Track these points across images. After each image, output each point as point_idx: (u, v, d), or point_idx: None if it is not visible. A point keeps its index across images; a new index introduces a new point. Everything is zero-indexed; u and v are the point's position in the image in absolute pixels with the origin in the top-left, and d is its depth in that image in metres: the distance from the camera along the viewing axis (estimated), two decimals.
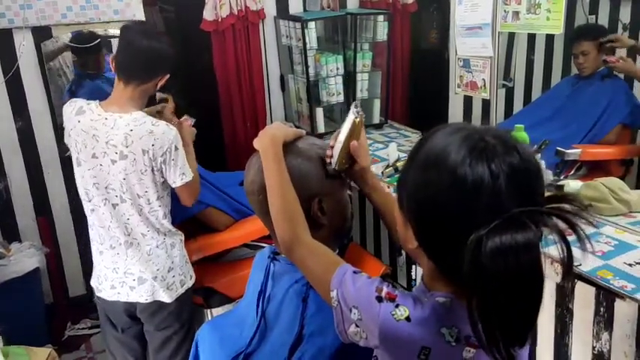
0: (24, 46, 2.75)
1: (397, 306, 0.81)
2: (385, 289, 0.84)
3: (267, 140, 1.05)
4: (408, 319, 0.80)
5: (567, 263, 0.75)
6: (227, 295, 2.36)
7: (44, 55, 2.82)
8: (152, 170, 1.81)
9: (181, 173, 1.84)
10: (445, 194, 0.75)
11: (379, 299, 0.82)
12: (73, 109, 1.85)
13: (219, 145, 3.36)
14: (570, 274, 0.77)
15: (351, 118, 1.06)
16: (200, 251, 2.26)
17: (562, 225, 0.73)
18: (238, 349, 1.10)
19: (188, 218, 2.25)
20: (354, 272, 0.89)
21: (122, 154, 1.78)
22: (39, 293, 2.85)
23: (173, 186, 1.88)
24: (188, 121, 2.19)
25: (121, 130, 1.77)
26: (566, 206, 0.73)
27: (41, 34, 2.80)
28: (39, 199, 2.99)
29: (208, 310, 2.39)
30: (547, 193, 0.77)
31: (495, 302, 0.70)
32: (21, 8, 2.70)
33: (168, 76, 1.90)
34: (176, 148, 1.81)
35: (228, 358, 1.10)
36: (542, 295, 0.73)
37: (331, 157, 1.07)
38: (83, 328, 3.02)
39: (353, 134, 1.06)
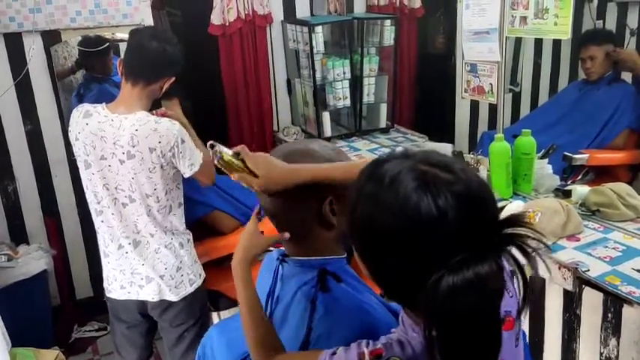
0: (33, 50, 2.77)
1: None
2: (366, 351, 0.81)
3: (235, 264, 1.08)
4: None
5: (523, 295, 0.74)
6: (234, 299, 2.36)
7: (56, 74, 2.85)
8: (161, 167, 1.83)
9: (190, 164, 1.87)
10: (396, 239, 0.73)
11: None
12: (80, 113, 1.89)
13: None
14: (525, 304, 0.75)
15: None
16: (206, 254, 2.27)
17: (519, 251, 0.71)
18: (245, 352, 1.10)
19: (194, 221, 2.25)
20: (332, 354, 0.86)
21: (129, 153, 1.80)
22: (46, 295, 2.86)
23: (184, 176, 1.91)
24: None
25: (127, 131, 1.80)
26: (521, 230, 0.71)
27: (50, 38, 2.82)
28: (47, 202, 3.01)
29: (215, 313, 2.40)
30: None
31: (453, 341, 0.70)
32: (30, 12, 2.72)
33: (173, 79, 1.92)
34: (182, 141, 1.84)
35: None
36: (500, 334, 0.72)
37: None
38: (90, 331, 3.02)
39: (230, 171, 1.02)
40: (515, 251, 0.72)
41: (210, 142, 1.03)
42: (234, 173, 1.01)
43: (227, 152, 1.01)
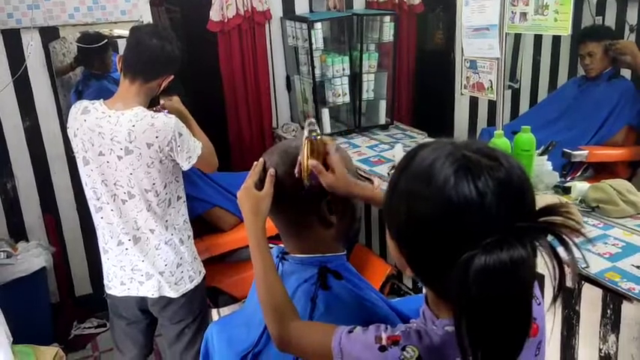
0: (32, 46, 2.76)
1: (404, 348, 0.78)
2: (384, 335, 0.80)
3: (250, 225, 1.04)
4: (419, 359, 0.77)
5: (559, 282, 0.72)
6: (233, 295, 2.37)
7: (55, 70, 2.85)
8: (160, 161, 1.84)
9: (188, 157, 1.88)
10: (434, 220, 0.72)
11: (382, 349, 0.79)
12: (79, 110, 1.89)
13: (224, 146, 3.36)
14: (560, 291, 0.74)
15: (304, 136, 1.01)
16: (207, 251, 2.27)
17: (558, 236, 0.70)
18: (246, 348, 1.10)
19: (195, 218, 2.25)
20: (349, 332, 0.85)
21: (127, 149, 1.80)
22: (45, 292, 2.86)
23: (183, 169, 1.92)
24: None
25: (124, 127, 1.80)
26: (559, 219, 0.70)
27: (49, 34, 2.81)
28: (46, 198, 3.00)
29: (215, 310, 2.40)
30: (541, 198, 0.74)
31: (482, 325, 0.68)
32: (29, 8, 2.71)
33: (172, 77, 1.92)
34: (180, 135, 1.84)
35: (236, 358, 1.10)
36: (530, 318, 0.72)
37: (300, 172, 1.02)
38: (89, 327, 3.03)
39: (310, 153, 1.00)
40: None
41: (311, 119, 1.04)
42: (312, 158, 1.01)
43: (322, 138, 1.03)
